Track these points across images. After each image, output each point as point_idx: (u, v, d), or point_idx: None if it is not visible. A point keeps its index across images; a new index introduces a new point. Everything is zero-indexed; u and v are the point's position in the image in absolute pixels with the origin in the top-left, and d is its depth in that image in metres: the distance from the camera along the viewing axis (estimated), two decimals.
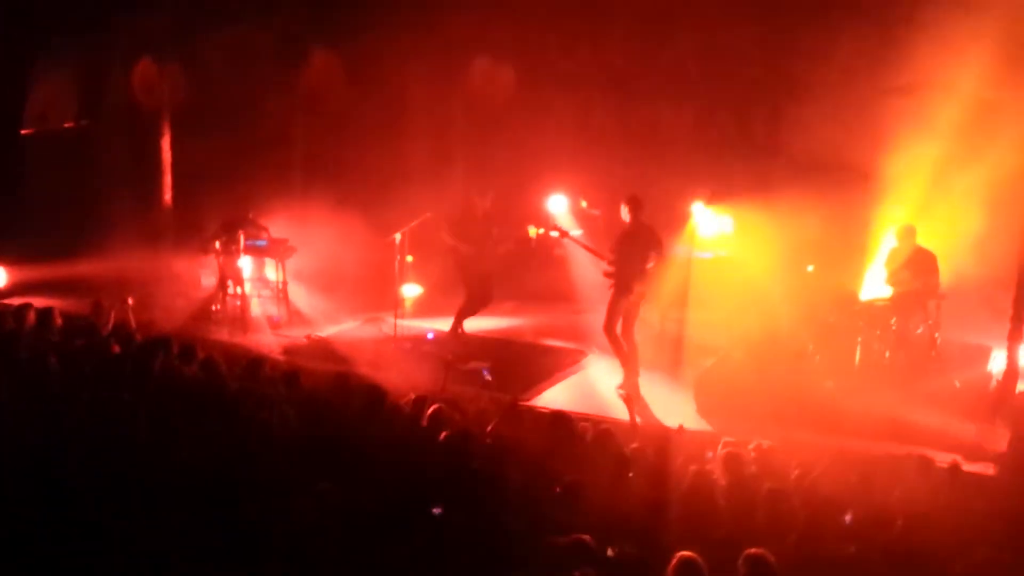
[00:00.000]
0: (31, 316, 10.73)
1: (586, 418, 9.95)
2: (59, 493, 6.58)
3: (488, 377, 9.87)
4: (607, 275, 11.11)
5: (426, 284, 14.29)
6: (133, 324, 11.49)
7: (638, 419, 9.61)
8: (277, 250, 13.63)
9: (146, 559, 5.87)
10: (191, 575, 5.79)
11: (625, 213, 11.02)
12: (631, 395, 10.90)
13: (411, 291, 14.03)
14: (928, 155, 12.13)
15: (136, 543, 6.00)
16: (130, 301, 11.87)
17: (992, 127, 11.97)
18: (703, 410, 10.56)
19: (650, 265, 10.99)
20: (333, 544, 6.08)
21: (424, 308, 13.97)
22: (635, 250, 10.94)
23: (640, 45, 15.10)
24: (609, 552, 5.99)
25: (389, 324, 12.82)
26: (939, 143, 12.09)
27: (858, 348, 10.82)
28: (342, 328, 13.33)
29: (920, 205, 12.06)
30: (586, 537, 5.90)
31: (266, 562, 5.93)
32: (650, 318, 13.03)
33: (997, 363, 10.88)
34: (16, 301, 12.06)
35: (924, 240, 11.23)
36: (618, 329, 11.16)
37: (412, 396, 9.05)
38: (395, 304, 12.83)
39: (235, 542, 6.06)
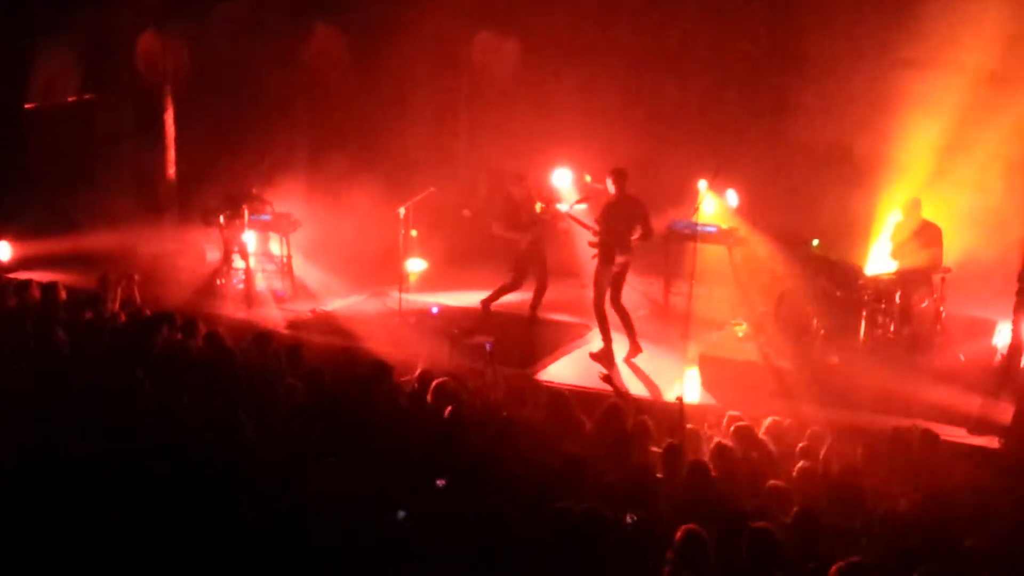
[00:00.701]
0: (35, 291, 10.76)
1: (589, 392, 10.00)
2: (65, 467, 6.61)
3: (489, 350, 9.84)
4: (592, 244, 11.34)
5: (431, 258, 14.28)
6: (139, 299, 11.50)
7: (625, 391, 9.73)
8: (281, 224, 13.62)
9: (149, 533, 5.91)
10: (195, 549, 5.81)
11: (610, 185, 11.26)
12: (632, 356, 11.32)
13: (416, 266, 14.01)
14: (935, 130, 12.07)
15: (139, 517, 6.04)
16: (136, 277, 11.86)
17: (1001, 101, 11.91)
18: (708, 384, 10.58)
19: (635, 236, 11.19)
20: (340, 518, 6.11)
21: (429, 282, 13.95)
22: (619, 220, 11.18)
23: (647, 21, 15.03)
24: (628, 519, 6.02)
25: (394, 298, 12.81)
26: (947, 118, 12.02)
27: (863, 322, 10.80)
28: (347, 302, 13.33)
29: (926, 179, 12.00)
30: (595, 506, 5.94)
31: (272, 539, 5.96)
32: (655, 293, 13.07)
33: (1002, 337, 10.88)
34: (21, 275, 12.07)
35: (929, 214, 11.19)
36: (606, 302, 11.35)
37: (417, 370, 9.06)
38: (400, 278, 12.81)
39: (243, 516, 6.09)
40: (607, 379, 10.72)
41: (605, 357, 11.31)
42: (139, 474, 6.53)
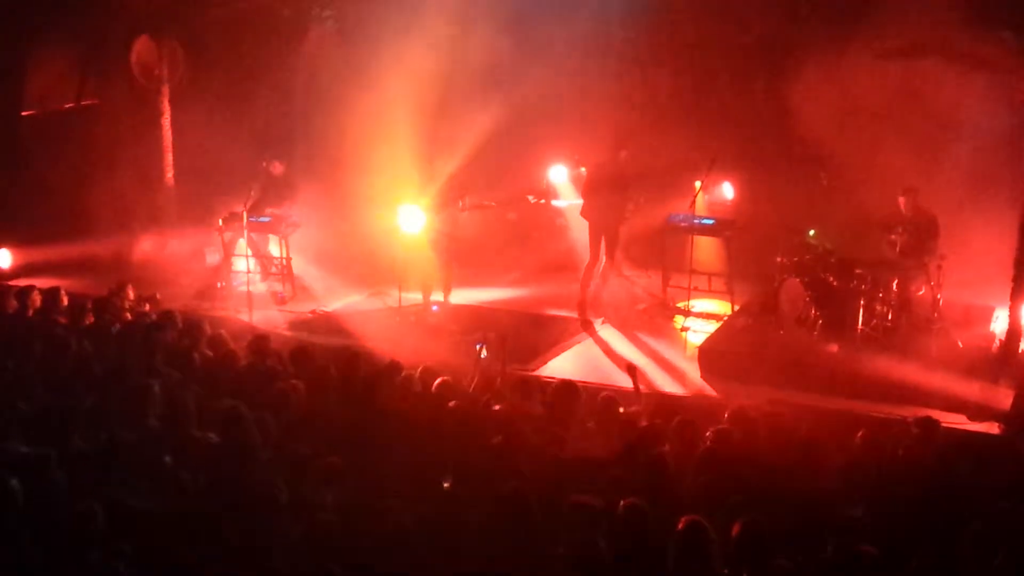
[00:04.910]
0: (36, 298, 10.84)
1: (591, 386, 10.03)
2: (69, 471, 6.67)
3: (483, 352, 9.80)
4: (583, 215, 12.26)
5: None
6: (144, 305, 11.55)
7: (641, 387, 9.64)
8: (280, 226, 13.64)
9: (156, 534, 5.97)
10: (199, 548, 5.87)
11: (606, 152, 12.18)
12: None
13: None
14: (926, 117, 12.10)
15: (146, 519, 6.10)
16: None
17: (989, 87, 11.92)
18: (707, 376, 10.63)
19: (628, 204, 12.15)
20: (343, 517, 6.17)
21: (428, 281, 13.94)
22: (600, 189, 12.09)
23: (638, 12, 15.03)
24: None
25: (394, 297, 12.84)
26: (938, 105, 12.04)
27: (861, 311, 10.84)
28: (347, 302, 13.36)
29: (920, 166, 12.01)
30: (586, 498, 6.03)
31: (276, 538, 6.02)
32: (654, 286, 13.11)
33: (1000, 323, 10.93)
34: (21, 282, 12.11)
35: (925, 201, 11.25)
36: (597, 268, 12.31)
37: (419, 369, 9.09)
38: (399, 277, 12.82)
39: (246, 517, 6.15)
40: (608, 373, 10.74)
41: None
42: (145, 472, 6.61)
